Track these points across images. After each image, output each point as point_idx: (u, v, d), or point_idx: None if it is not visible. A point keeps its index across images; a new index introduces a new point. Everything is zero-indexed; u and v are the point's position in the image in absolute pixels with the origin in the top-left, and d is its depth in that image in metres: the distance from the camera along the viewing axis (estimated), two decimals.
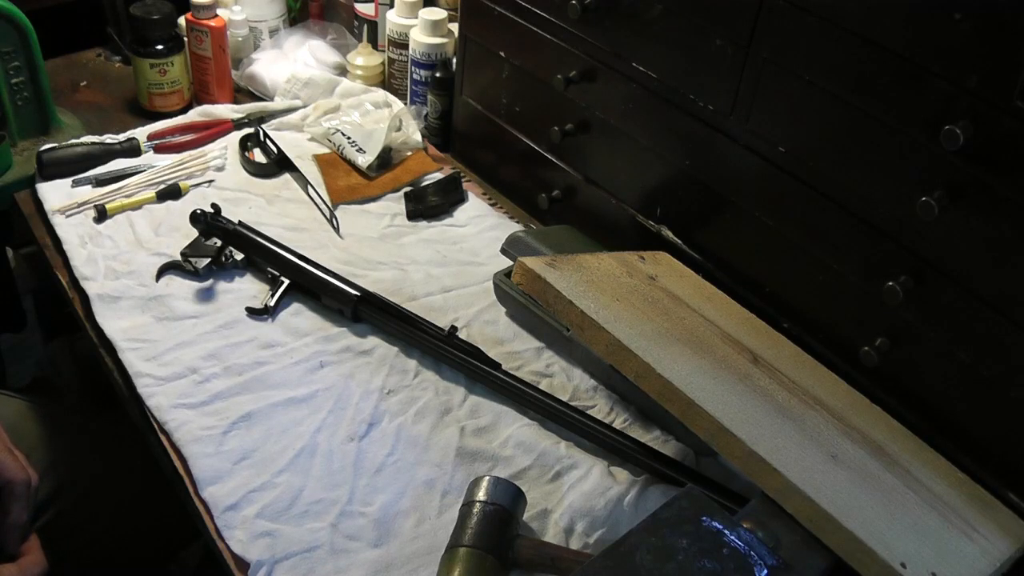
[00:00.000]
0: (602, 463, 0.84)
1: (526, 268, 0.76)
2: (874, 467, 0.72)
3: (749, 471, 0.67)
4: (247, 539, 0.75)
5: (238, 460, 0.81)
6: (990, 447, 0.76)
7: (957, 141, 0.66)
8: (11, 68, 1.12)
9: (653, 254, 0.93)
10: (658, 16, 0.88)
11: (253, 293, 0.98)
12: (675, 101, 0.90)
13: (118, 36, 1.37)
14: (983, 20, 0.64)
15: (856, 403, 0.82)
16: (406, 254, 1.07)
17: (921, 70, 0.69)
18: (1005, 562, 0.69)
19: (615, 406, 0.90)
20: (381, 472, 0.81)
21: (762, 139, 0.84)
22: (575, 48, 0.99)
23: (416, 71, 1.24)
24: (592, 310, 0.73)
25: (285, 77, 1.30)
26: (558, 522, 0.78)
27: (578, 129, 1.03)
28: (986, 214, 0.69)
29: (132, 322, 0.93)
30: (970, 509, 0.73)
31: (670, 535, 0.62)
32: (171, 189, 1.10)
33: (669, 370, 0.70)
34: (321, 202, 1.12)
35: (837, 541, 0.63)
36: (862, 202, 0.77)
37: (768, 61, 0.80)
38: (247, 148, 1.19)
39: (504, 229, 1.11)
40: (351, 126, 1.22)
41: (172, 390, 0.86)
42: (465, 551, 0.71)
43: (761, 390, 0.75)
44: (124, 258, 1.01)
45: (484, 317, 0.99)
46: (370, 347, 0.93)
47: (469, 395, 0.90)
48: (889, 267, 0.77)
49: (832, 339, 0.85)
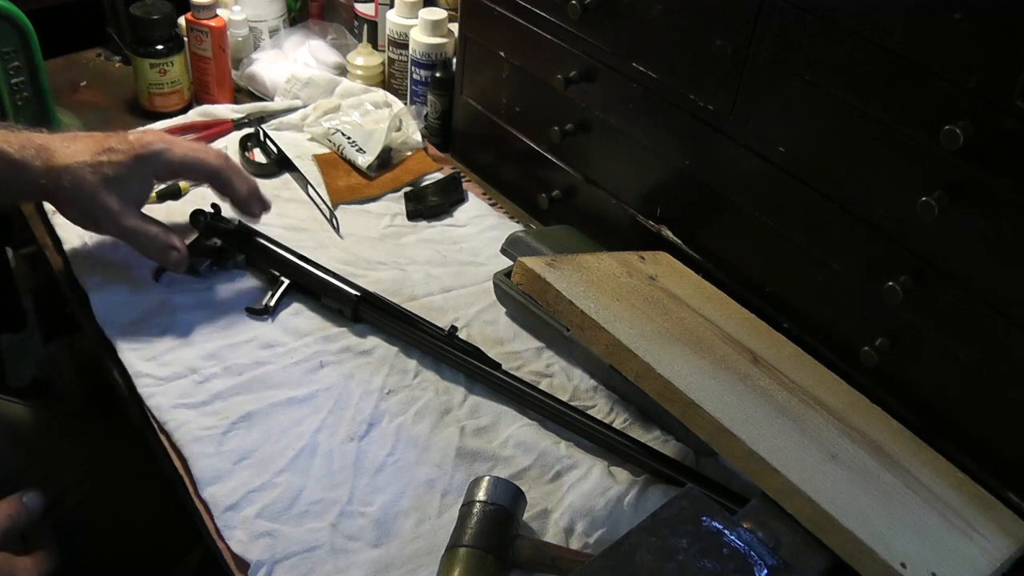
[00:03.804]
0: (602, 463, 0.84)
1: (526, 268, 0.76)
2: (874, 467, 0.72)
3: (749, 471, 0.67)
4: (247, 539, 0.75)
5: (238, 460, 0.81)
6: (990, 447, 0.76)
7: (957, 141, 0.66)
8: (11, 68, 1.12)
9: (653, 254, 0.93)
10: (658, 16, 0.88)
11: (253, 293, 0.98)
12: (675, 101, 0.90)
13: (118, 36, 1.37)
14: (983, 20, 0.64)
15: (856, 403, 0.82)
16: (406, 254, 1.07)
17: (921, 70, 0.69)
18: (1005, 562, 0.69)
19: (615, 406, 0.90)
20: (381, 472, 0.82)
21: (762, 139, 0.84)
22: (575, 48, 0.99)
23: (416, 71, 1.24)
24: (592, 310, 0.73)
25: (285, 77, 1.30)
26: (558, 522, 0.78)
27: (578, 129, 1.03)
28: (986, 214, 0.69)
29: (132, 322, 0.93)
30: (970, 509, 0.73)
31: (670, 535, 0.62)
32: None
33: (669, 370, 0.70)
34: (321, 202, 1.12)
35: (837, 541, 0.63)
36: (862, 202, 0.77)
37: (768, 61, 0.80)
38: (247, 148, 1.19)
39: (504, 229, 1.11)
40: (351, 126, 1.22)
41: (172, 390, 0.86)
42: (465, 551, 0.71)
43: (761, 390, 0.75)
44: (124, 258, 1.01)
45: (484, 317, 0.99)
46: (370, 347, 0.93)
47: (469, 395, 0.90)
48: (889, 267, 0.77)
49: (832, 339, 0.85)
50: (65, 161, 0.82)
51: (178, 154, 0.89)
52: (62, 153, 0.83)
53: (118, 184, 0.85)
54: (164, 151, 0.88)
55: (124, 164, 0.85)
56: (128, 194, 0.87)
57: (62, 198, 0.84)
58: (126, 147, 0.86)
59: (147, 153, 0.86)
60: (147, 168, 0.88)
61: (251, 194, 0.96)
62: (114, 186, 0.85)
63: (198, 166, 0.91)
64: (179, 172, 0.93)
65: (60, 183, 0.82)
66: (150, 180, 0.90)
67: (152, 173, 0.90)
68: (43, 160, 0.82)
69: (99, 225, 0.88)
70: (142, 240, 0.89)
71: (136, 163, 0.86)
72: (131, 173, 0.86)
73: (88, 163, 0.83)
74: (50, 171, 0.82)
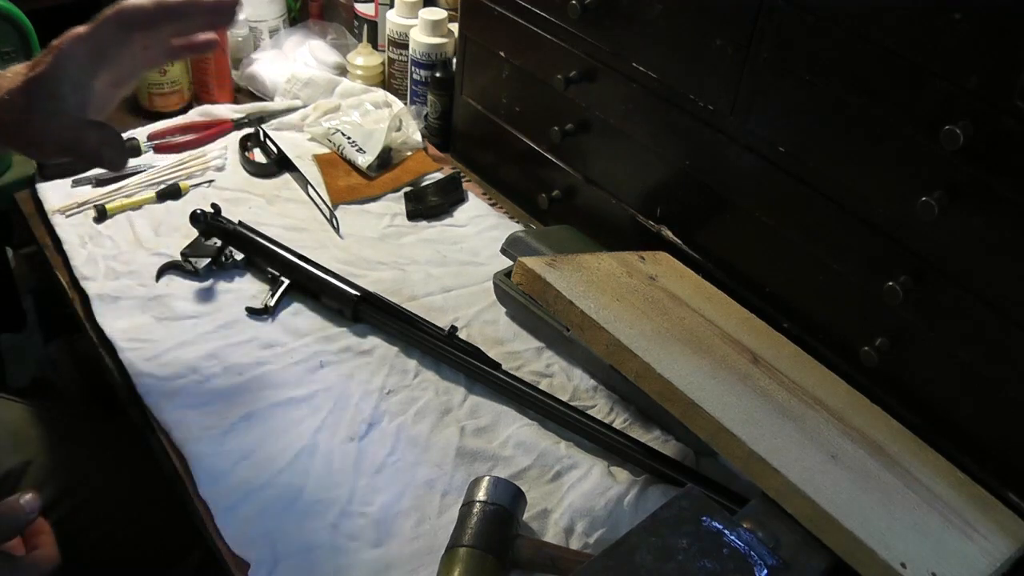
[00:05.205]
0: (602, 463, 0.84)
1: (526, 268, 0.76)
2: (874, 467, 0.72)
3: (749, 471, 0.67)
4: (247, 539, 0.75)
5: (238, 460, 0.81)
6: (990, 447, 0.76)
7: (957, 141, 0.66)
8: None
9: (653, 254, 0.93)
10: (658, 16, 0.88)
11: (253, 293, 0.98)
12: (675, 101, 0.90)
13: None
14: (983, 20, 0.64)
15: (856, 403, 0.82)
16: (406, 254, 1.07)
17: (921, 70, 0.69)
18: (1005, 562, 0.69)
19: (615, 406, 0.90)
20: (381, 472, 0.82)
21: (762, 139, 0.84)
22: (575, 48, 0.99)
23: (416, 71, 1.24)
24: (592, 310, 0.73)
25: (285, 77, 1.30)
26: (558, 522, 0.78)
27: (578, 129, 1.03)
28: (986, 214, 0.69)
29: (132, 322, 0.93)
30: (970, 509, 0.73)
31: (670, 535, 0.62)
32: (171, 189, 1.10)
33: (669, 370, 0.70)
34: (321, 202, 1.12)
35: (837, 541, 0.63)
36: (862, 202, 0.77)
37: (768, 61, 0.80)
38: (247, 148, 1.19)
39: (504, 229, 1.11)
40: (351, 126, 1.22)
41: (172, 390, 0.86)
42: (465, 551, 0.71)
43: (761, 390, 0.75)
44: (124, 258, 1.01)
45: (484, 317, 0.99)
46: (370, 347, 0.93)
47: (469, 395, 0.90)
48: (889, 267, 0.77)
49: (832, 339, 0.85)
50: (1, 92, 0.73)
51: (81, 31, 0.76)
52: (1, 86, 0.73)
53: (46, 96, 0.74)
54: (72, 38, 0.75)
55: (44, 73, 0.74)
56: (63, 103, 0.75)
57: (8, 133, 0.75)
58: (47, 55, 0.75)
59: (59, 52, 0.74)
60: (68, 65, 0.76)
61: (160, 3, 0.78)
62: (42, 99, 0.74)
63: (99, 26, 0.77)
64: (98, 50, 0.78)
65: (2, 117, 0.73)
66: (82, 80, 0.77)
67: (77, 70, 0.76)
68: None
69: (41, 148, 0.78)
70: (71, 141, 0.76)
71: (54, 66, 0.74)
72: (54, 79, 0.75)
73: (18, 86, 0.73)
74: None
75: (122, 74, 0.82)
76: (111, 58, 0.78)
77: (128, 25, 0.78)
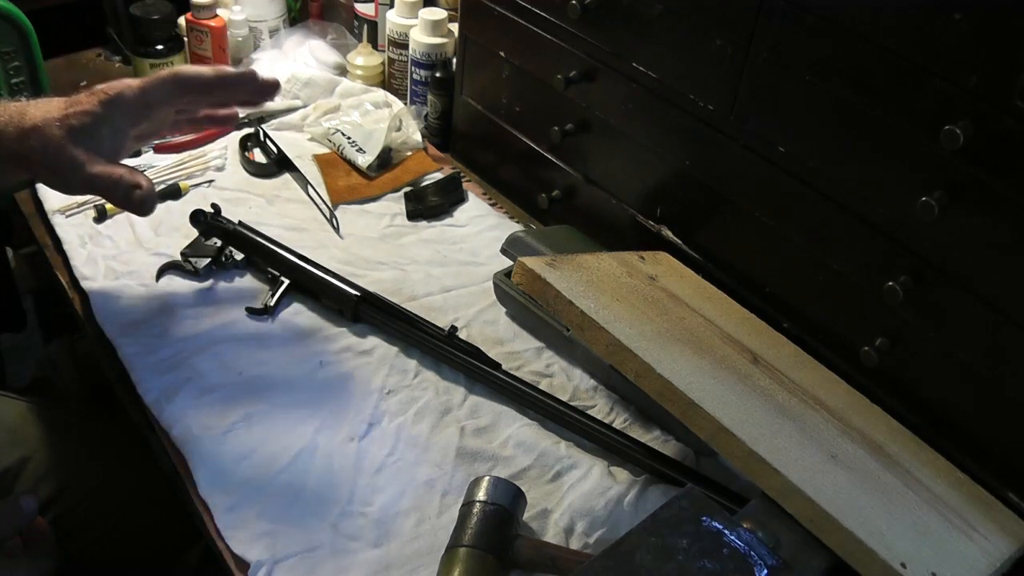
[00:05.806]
0: (602, 463, 0.84)
1: (526, 268, 0.76)
2: (874, 467, 0.72)
3: (749, 471, 0.67)
4: (247, 539, 0.75)
5: (238, 460, 0.81)
6: (990, 447, 0.76)
7: (957, 141, 0.66)
8: (11, 68, 1.12)
9: (653, 254, 0.93)
10: (658, 16, 0.88)
11: (253, 293, 0.98)
12: (675, 101, 0.90)
13: (118, 36, 1.37)
14: (983, 20, 0.64)
15: (856, 403, 0.82)
16: (406, 254, 1.07)
17: (921, 70, 0.69)
18: (1005, 562, 0.69)
19: (615, 406, 0.90)
20: (381, 472, 0.82)
21: (762, 139, 0.84)
22: (575, 48, 0.99)
23: (416, 71, 1.24)
24: (592, 310, 0.73)
25: (285, 77, 1.30)
26: (558, 522, 0.78)
27: (578, 129, 1.03)
28: (986, 214, 0.69)
29: (132, 322, 0.93)
30: (970, 509, 0.73)
31: (670, 535, 0.62)
32: (171, 189, 1.10)
33: (669, 370, 0.70)
34: (321, 202, 1.12)
35: (837, 541, 0.63)
36: (862, 202, 0.77)
37: (768, 61, 0.80)
38: (247, 148, 1.19)
39: (504, 229, 1.11)
40: (351, 126, 1.22)
41: (172, 390, 0.86)
42: (465, 551, 0.71)
43: (761, 390, 0.75)
44: (124, 258, 1.01)
45: (484, 317, 0.99)
46: (370, 347, 0.93)
47: (469, 395, 0.90)
48: (889, 267, 0.77)
49: (832, 339, 0.85)
50: (34, 121, 0.78)
51: (135, 85, 0.82)
52: (32, 114, 0.77)
53: (86, 135, 0.79)
54: (125, 88, 0.82)
55: (90, 113, 0.80)
56: (99, 146, 0.81)
57: (34, 161, 0.79)
58: (93, 97, 0.80)
59: (110, 97, 0.81)
60: (114, 112, 0.81)
61: (219, 74, 0.86)
62: (82, 138, 0.79)
63: (156, 83, 0.83)
64: (146, 104, 0.84)
65: (29, 144, 0.78)
66: (122, 128, 0.83)
67: (122, 118, 0.82)
68: (15, 124, 0.76)
69: (68, 182, 0.81)
70: (107, 183, 0.80)
71: (102, 109, 0.80)
72: (98, 121, 0.80)
73: (56, 119, 0.78)
74: (21, 134, 0.77)
75: (149, 131, 0.88)
76: (154, 115, 0.85)
77: (184, 89, 0.85)
